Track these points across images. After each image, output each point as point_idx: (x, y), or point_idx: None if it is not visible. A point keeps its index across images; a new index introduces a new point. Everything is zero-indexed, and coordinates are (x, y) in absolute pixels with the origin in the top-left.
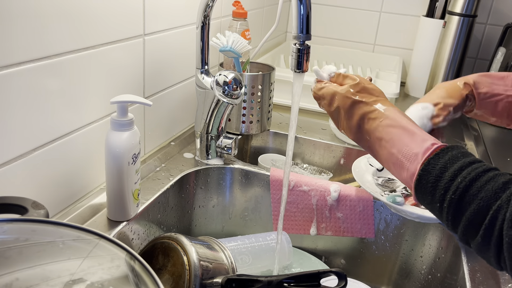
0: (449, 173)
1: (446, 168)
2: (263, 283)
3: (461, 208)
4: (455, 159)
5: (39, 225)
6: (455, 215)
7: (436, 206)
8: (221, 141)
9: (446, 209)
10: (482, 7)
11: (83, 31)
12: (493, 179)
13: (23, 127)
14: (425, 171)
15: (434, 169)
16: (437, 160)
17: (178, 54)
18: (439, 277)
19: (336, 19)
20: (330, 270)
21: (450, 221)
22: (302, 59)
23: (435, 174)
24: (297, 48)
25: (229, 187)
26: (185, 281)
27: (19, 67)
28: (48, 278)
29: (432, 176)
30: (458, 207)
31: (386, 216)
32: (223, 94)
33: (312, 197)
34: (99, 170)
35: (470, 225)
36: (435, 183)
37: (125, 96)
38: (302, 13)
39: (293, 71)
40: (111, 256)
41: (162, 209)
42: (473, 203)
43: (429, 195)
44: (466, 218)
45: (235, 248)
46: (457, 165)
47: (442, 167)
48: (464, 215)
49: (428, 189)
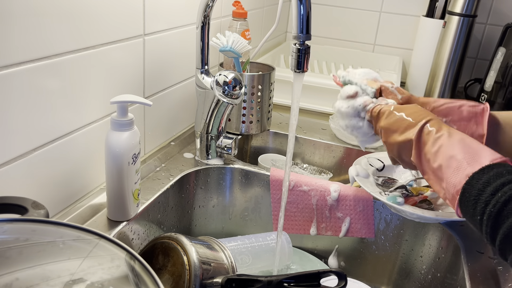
0: (491, 188)
1: (489, 183)
2: (263, 283)
3: (499, 221)
4: (499, 176)
5: (39, 225)
6: (493, 228)
7: (477, 219)
8: (221, 141)
9: (485, 221)
10: (482, 7)
11: (83, 31)
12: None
13: (23, 127)
14: (469, 184)
15: (477, 183)
16: (481, 175)
17: (178, 54)
18: (439, 277)
19: (336, 19)
20: (330, 270)
21: (489, 235)
22: (302, 59)
23: (478, 188)
24: (297, 48)
25: (229, 187)
26: (185, 281)
27: (19, 67)
28: (48, 278)
29: (475, 190)
30: (496, 220)
31: (386, 216)
32: (223, 94)
33: (312, 197)
34: (99, 170)
35: (507, 239)
36: (478, 197)
37: (125, 96)
38: (302, 13)
39: (293, 71)
40: (111, 256)
41: (162, 209)
42: (510, 217)
43: (471, 208)
44: (503, 231)
45: (235, 248)
46: (500, 181)
47: (485, 181)
48: (502, 228)
49: (471, 203)
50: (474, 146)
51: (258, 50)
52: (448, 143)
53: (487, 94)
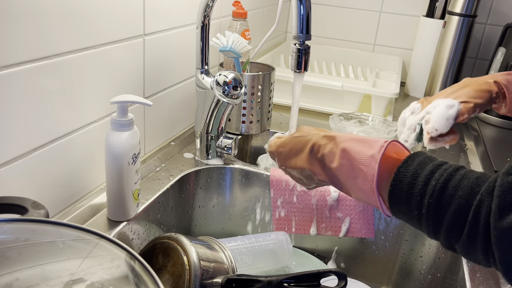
0: (422, 178)
1: (417, 174)
2: (263, 283)
3: (441, 211)
4: (423, 164)
5: (39, 225)
6: (435, 219)
7: (414, 215)
8: (221, 141)
9: (425, 215)
10: (482, 7)
11: (83, 31)
12: (465, 177)
13: (23, 127)
14: (397, 181)
15: (405, 177)
16: (407, 168)
17: (178, 54)
18: (439, 277)
19: (336, 19)
20: (330, 270)
21: (431, 227)
22: (302, 59)
23: (407, 181)
24: (297, 48)
25: (229, 187)
26: (185, 281)
27: (19, 67)
28: (48, 278)
29: (405, 184)
30: (438, 210)
31: (386, 216)
32: (223, 94)
33: (312, 197)
34: (99, 170)
35: (453, 226)
36: (410, 191)
37: (125, 96)
38: (302, 13)
39: (293, 71)
40: (111, 256)
41: (162, 209)
42: (452, 203)
43: (404, 204)
44: (447, 220)
45: (235, 248)
46: (427, 170)
47: (413, 173)
48: (446, 217)
49: (403, 199)
50: (361, 138)
51: (258, 50)
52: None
53: None
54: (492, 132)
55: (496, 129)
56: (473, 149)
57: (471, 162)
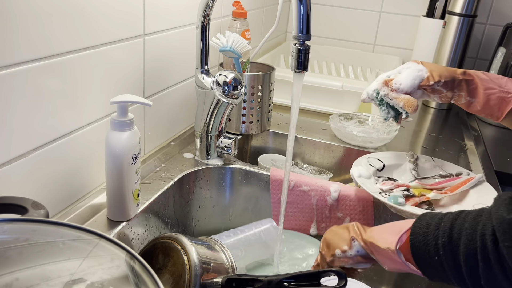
0: (434, 225)
1: (429, 223)
2: (263, 283)
3: (454, 245)
4: (433, 217)
5: (39, 225)
6: (452, 255)
7: (435, 260)
8: (221, 141)
9: (442, 256)
10: (482, 7)
11: (83, 31)
12: (467, 215)
13: (23, 127)
14: (413, 235)
15: (420, 229)
16: (419, 223)
17: (178, 54)
18: None
19: (336, 19)
20: (330, 269)
21: (452, 268)
22: (302, 59)
23: (422, 232)
24: (297, 48)
25: (229, 187)
26: (185, 280)
27: (20, 67)
28: (48, 278)
29: (420, 235)
30: (451, 246)
31: (386, 216)
32: (223, 94)
33: (312, 197)
34: (99, 170)
35: (468, 256)
36: (425, 237)
37: (125, 96)
38: (302, 13)
39: (293, 71)
40: (111, 256)
41: (162, 209)
42: (462, 236)
43: (424, 252)
44: (462, 252)
45: (228, 244)
46: (437, 218)
47: (425, 224)
48: (460, 251)
49: (422, 248)
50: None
51: (258, 50)
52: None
53: None
54: (492, 132)
55: (496, 129)
56: (473, 149)
57: (471, 162)
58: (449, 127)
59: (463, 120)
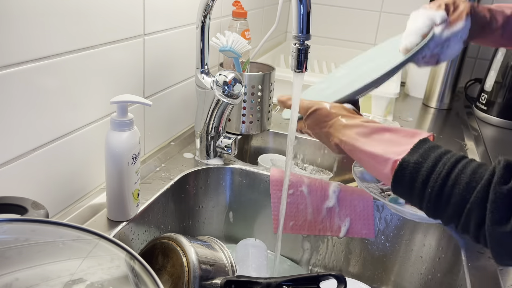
0: (423, 172)
1: (419, 165)
2: (262, 285)
3: (440, 205)
4: (426, 155)
5: (39, 225)
6: (435, 210)
7: (416, 201)
8: (221, 141)
9: (425, 204)
10: None
11: (83, 31)
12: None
13: (23, 127)
14: (401, 169)
15: (408, 167)
16: (410, 158)
17: (178, 54)
18: (439, 277)
19: (336, 19)
20: (329, 273)
21: (431, 214)
22: (302, 59)
23: (409, 171)
24: (297, 48)
25: (229, 187)
26: (184, 282)
27: (19, 67)
28: (48, 278)
29: (407, 174)
30: (437, 203)
31: (386, 216)
32: (223, 94)
33: (312, 197)
34: (99, 170)
35: (450, 220)
36: (412, 184)
37: (125, 96)
38: (302, 12)
39: (293, 71)
40: (111, 256)
41: (162, 209)
42: (450, 202)
43: (407, 191)
44: (446, 214)
45: None
46: (428, 162)
47: (415, 165)
48: (445, 211)
49: (406, 187)
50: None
51: (258, 50)
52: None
53: (487, 94)
54: (492, 132)
55: (496, 129)
56: (473, 149)
57: None
58: (449, 127)
59: (463, 120)
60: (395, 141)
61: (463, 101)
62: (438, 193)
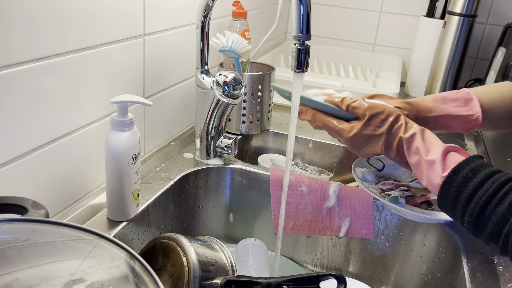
0: (464, 196)
1: (459, 191)
2: (262, 285)
3: (479, 228)
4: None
5: (39, 225)
6: (475, 232)
7: (458, 221)
8: (221, 141)
9: (466, 226)
10: (482, 7)
11: (83, 31)
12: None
13: (23, 127)
14: (444, 190)
15: (450, 191)
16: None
17: (178, 54)
18: (439, 277)
19: (336, 19)
20: (329, 273)
21: (472, 234)
22: (302, 59)
23: (452, 195)
24: (297, 48)
25: (229, 187)
26: (184, 282)
27: (19, 67)
28: (48, 278)
29: (450, 198)
30: (477, 227)
31: (386, 216)
32: (223, 94)
33: (312, 197)
34: (99, 170)
35: (489, 242)
36: (454, 205)
37: (125, 96)
38: (302, 13)
39: (293, 71)
40: (111, 256)
41: (162, 209)
42: (487, 226)
43: (450, 212)
44: (485, 236)
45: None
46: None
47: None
48: (484, 233)
49: (449, 207)
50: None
51: (258, 50)
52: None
53: None
54: (492, 132)
55: None
56: (473, 149)
57: None
58: None
59: None
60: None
61: None
62: (481, 209)
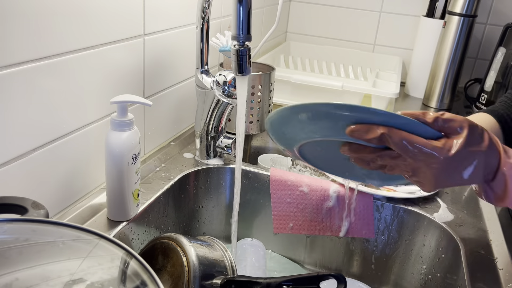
0: None
1: None
2: (262, 285)
3: None
4: None
5: (39, 225)
6: None
7: None
8: (221, 141)
9: None
10: (482, 7)
11: (83, 31)
12: None
13: (23, 127)
14: None
15: None
16: None
17: (178, 54)
18: (439, 277)
19: (336, 19)
20: (329, 273)
21: None
22: (242, 61)
23: None
24: (235, 50)
25: (229, 187)
26: (184, 282)
27: (19, 67)
28: (48, 278)
29: None
30: None
31: (386, 216)
32: (223, 94)
33: (312, 197)
34: (99, 170)
35: None
36: None
37: (125, 96)
38: (241, 12)
39: (235, 75)
40: (111, 256)
41: (162, 209)
42: None
43: None
44: None
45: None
46: None
47: None
48: None
49: None
50: None
51: (258, 50)
52: None
53: (487, 94)
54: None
55: None
56: None
57: None
58: None
59: None
60: None
61: (463, 101)
62: None
